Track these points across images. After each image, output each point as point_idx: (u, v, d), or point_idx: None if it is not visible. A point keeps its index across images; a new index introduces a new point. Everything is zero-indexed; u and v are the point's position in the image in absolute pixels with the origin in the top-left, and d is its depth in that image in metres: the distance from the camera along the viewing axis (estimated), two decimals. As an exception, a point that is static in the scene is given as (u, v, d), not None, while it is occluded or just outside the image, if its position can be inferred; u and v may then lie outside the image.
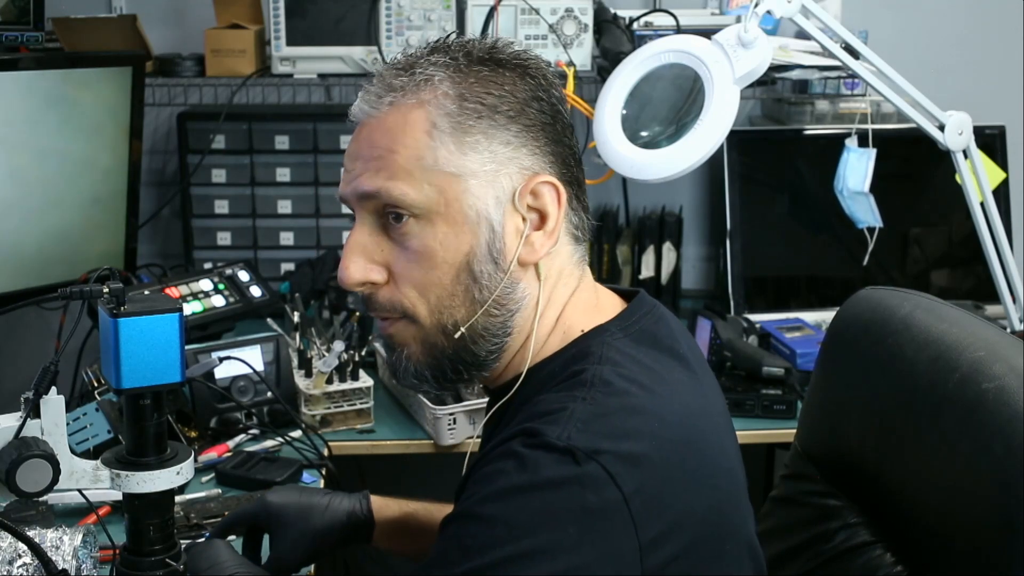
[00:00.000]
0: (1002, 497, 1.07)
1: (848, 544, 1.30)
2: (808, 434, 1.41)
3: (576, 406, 1.02)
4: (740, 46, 1.85)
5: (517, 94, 1.11)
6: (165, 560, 1.16)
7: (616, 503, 0.97)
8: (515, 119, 1.10)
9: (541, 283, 1.12)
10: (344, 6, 2.35)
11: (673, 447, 1.03)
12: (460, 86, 1.10)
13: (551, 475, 0.97)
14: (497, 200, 1.09)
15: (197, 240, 2.56)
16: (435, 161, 1.08)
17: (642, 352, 1.11)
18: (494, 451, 1.03)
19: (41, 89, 2.04)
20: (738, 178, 2.50)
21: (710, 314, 2.23)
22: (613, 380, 1.05)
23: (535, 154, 1.11)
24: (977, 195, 2.06)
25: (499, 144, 1.10)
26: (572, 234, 1.15)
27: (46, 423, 1.16)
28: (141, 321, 1.11)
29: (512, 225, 1.10)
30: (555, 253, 1.13)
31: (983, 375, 1.13)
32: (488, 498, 0.99)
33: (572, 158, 1.15)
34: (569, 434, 0.99)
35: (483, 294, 1.10)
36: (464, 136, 1.09)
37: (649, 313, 1.16)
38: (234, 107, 2.46)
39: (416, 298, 1.11)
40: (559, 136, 1.14)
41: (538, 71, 1.14)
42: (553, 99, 1.14)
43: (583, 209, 1.16)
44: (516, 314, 1.11)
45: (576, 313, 1.15)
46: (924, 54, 2.65)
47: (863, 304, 1.34)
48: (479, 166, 1.09)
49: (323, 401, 1.98)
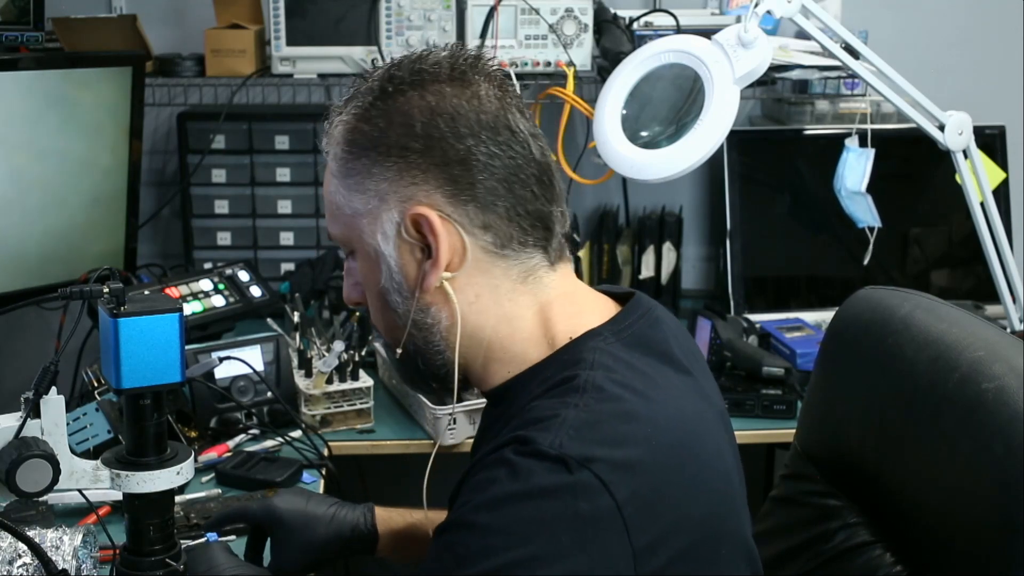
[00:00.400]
0: (1002, 497, 1.07)
1: (848, 544, 1.30)
2: (808, 434, 1.41)
3: (568, 413, 1.02)
4: (740, 46, 1.85)
5: (404, 120, 1.10)
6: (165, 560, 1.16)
7: (609, 511, 0.97)
8: (391, 151, 1.10)
9: (456, 304, 1.12)
10: (344, 6, 2.35)
11: (667, 452, 1.03)
12: (351, 128, 1.13)
13: (543, 483, 0.97)
14: (384, 235, 1.12)
15: (197, 240, 2.56)
16: (338, 206, 1.16)
17: (635, 357, 1.10)
18: (487, 458, 1.02)
19: (41, 89, 2.04)
20: (738, 178, 2.50)
21: (710, 314, 2.23)
22: (606, 386, 1.05)
23: (415, 182, 1.10)
24: (977, 195, 2.06)
25: (379, 180, 1.11)
26: (490, 251, 1.12)
27: (46, 423, 1.16)
28: (141, 321, 1.11)
29: (409, 256, 1.12)
30: (472, 272, 1.11)
31: (983, 375, 1.13)
32: (481, 506, 0.99)
33: (486, 169, 1.10)
34: (561, 442, 0.99)
35: (401, 320, 1.15)
36: (347, 179, 1.14)
37: (644, 316, 1.16)
38: (234, 107, 2.46)
39: (373, 319, 1.20)
40: (464, 152, 1.10)
41: (435, 83, 1.11)
42: (462, 109, 1.10)
43: (525, 215, 1.12)
44: (437, 335, 1.14)
45: (558, 320, 1.14)
46: (924, 54, 2.65)
47: (863, 304, 1.34)
48: (363, 205, 1.13)
49: (323, 401, 1.98)
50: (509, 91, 1.15)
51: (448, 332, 1.14)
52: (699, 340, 2.24)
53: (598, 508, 0.97)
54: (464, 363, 1.15)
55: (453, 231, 1.10)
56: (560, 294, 1.15)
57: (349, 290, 1.22)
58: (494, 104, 1.12)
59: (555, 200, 1.15)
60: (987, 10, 2.71)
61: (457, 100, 1.11)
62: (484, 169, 1.10)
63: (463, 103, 1.11)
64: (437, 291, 1.12)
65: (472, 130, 1.10)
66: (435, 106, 1.10)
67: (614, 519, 0.97)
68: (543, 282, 1.14)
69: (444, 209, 1.10)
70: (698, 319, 2.26)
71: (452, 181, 1.10)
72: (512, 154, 1.11)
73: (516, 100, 1.15)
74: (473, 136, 1.10)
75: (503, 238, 1.11)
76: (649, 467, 1.00)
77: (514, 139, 1.12)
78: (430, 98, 1.11)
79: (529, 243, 1.13)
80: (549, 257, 1.15)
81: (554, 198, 1.15)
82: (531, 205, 1.12)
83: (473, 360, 1.16)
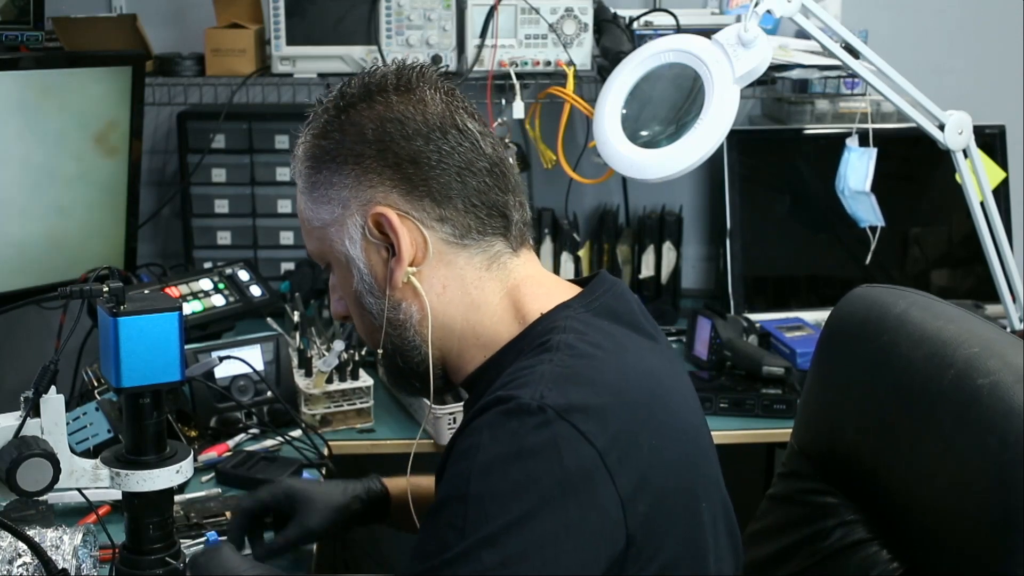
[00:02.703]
0: (997, 492, 1.07)
1: (844, 542, 1.30)
2: (804, 432, 1.41)
3: (544, 368, 1.07)
4: (740, 46, 1.85)
5: (357, 130, 1.17)
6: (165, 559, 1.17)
7: (592, 460, 1.02)
8: (348, 159, 1.17)
9: (425, 297, 1.18)
10: (344, 6, 2.35)
11: (638, 401, 1.09)
12: (311, 146, 1.21)
13: (526, 443, 1.01)
14: (351, 240, 1.19)
15: (197, 240, 2.57)
16: (309, 220, 1.23)
17: (604, 324, 1.16)
18: (470, 424, 1.07)
19: (40, 89, 2.04)
20: (738, 178, 2.50)
21: (710, 314, 2.23)
22: (577, 344, 1.11)
23: (372, 185, 1.17)
24: (977, 195, 2.06)
25: (339, 188, 1.18)
26: (451, 242, 1.17)
27: (46, 422, 1.16)
28: (141, 320, 1.12)
29: (376, 256, 1.19)
30: (436, 264, 1.17)
31: (978, 371, 1.13)
32: (471, 475, 1.02)
33: (438, 165, 1.16)
34: (541, 393, 1.03)
35: (376, 320, 1.21)
36: (312, 192, 1.21)
37: (609, 290, 1.21)
38: (234, 107, 2.46)
39: (357, 328, 1.26)
40: (414, 152, 1.16)
41: (382, 94, 1.18)
42: (409, 113, 1.17)
43: (481, 206, 1.17)
44: (411, 330, 1.20)
45: (528, 300, 1.19)
46: (924, 54, 2.65)
47: (859, 302, 1.34)
48: (329, 215, 1.20)
49: (323, 400, 1.98)
50: (456, 96, 1.21)
51: (421, 326, 1.19)
52: (699, 340, 2.25)
53: (582, 458, 1.02)
54: (440, 355, 1.21)
55: (412, 226, 1.16)
56: (526, 276, 1.21)
57: (335, 305, 1.28)
58: (440, 107, 1.19)
59: (509, 190, 1.20)
60: (987, 10, 2.71)
61: (404, 106, 1.17)
62: (436, 166, 1.16)
63: (410, 108, 1.17)
64: (406, 287, 1.18)
65: (420, 131, 1.17)
66: (383, 114, 1.17)
67: (598, 467, 1.02)
68: (508, 267, 1.20)
69: (401, 207, 1.16)
70: (698, 319, 2.26)
71: (406, 180, 1.16)
72: (462, 150, 1.17)
73: (464, 103, 1.22)
74: (422, 137, 1.16)
75: (461, 228, 1.17)
76: (621, 414, 1.06)
77: (463, 137, 1.18)
78: (379, 107, 1.18)
79: (488, 231, 1.18)
80: (511, 243, 1.20)
81: (508, 188, 1.20)
82: (485, 196, 1.18)
83: (448, 351, 1.21)
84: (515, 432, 1.02)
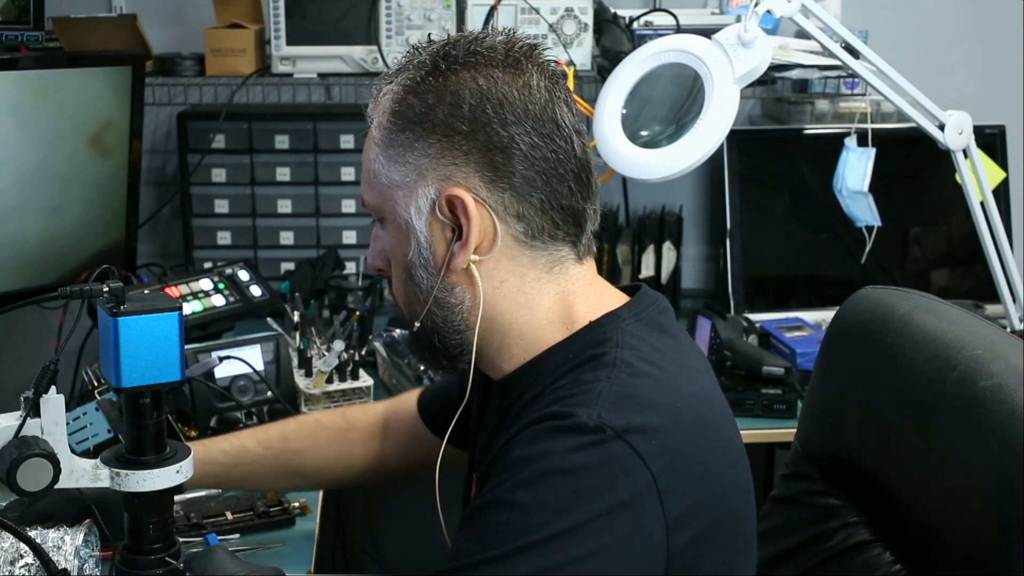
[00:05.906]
0: (1000, 494, 1.07)
1: (847, 543, 1.30)
2: (808, 433, 1.41)
3: (603, 386, 1.04)
4: (740, 45, 1.85)
5: (453, 100, 1.11)
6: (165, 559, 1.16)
7: (646, 483, 1.00)
8: (437, 129, 1.11)
9: (481, 287, 1.13)
10: (344, 5, 2.35)
11: (695, 426, 1.07)
12: (400, 100, 1.14)
13: (580, 460, 0.99)
14: (417, 210, 1.13)
15: (197, 240, 2.56)
16: (376, 174, 1.16)
17: (654, 337, 1.13)
18: (521, 434, 1.04)
19: (41, 89, 2.04)
20: (738, 178, 2.50)
21: (710, 314, 2.23)
22: (634, 362, 1.08)
23: (455, 163, 1.11)
24: (977, 195, 2.06)
25: (420, 155, 1.12)
26: (520, 240, 1.13)
27: (46, 422, 1.16)
28: (141, 320, 1.11)
29: (439, 234, 1.13)
30: (500, 258, 1.13)
31: (981, 373, 1.13)
32: (519, 485, 1.00)
33: (528, 159, 1.11)
34: (600, 413, 1.01)
35: (423, 295, 1.16)
36: (389, 148, 1.14)
37: (655, 303, 1.19)
38: (234, 107, 2.46)
39: (395, 289, 1.21)
40: (507, 140, 1.10)
41: (489, 67, 1.12)
42: (512, 96, 1.11)
43: (559, 210, 1.13)
44: (458, 315, 1.15)
45: (579, 306, 1.16)
46: (924, 54, 2.65)
47: (862, 304, 1.34)
48: (401, 178, 1.14)
49: (323, 400, 1.98)
50: (559, 84, 1.16)
51: (469, 314, 1.15)
52: (699, 340, 2.24)
53: (635, 481, 1.00)
54: (480, 346, 1.16)
55: (487, 216, 1.12)
56: (582, 282, 1.17)
57: (374, 256, 1.22)
58: (543, 95, 1.13)
59: (590, 198, 1.16)
60: (987, 10, 2.71)
61: (508, 87, 1.11)
62: (525, 159, 1.11)
63: (513, 91, 1.11)
64: (463, 272, 1.14)
65: (518, 119, 1.11)
66: (486, 90, 1.11)
67: (650, 491, 1.00)
68: (568, 273, 1.16)
69: (480, 193, 1.11)
70: (698, 319, 2.26)
71: (492, 167, 1.11)
72: (554, 148, 1.12)
73: (565, 94, 1.16)
74: (518, 125, 1.11)
75: (534, 229, 1.13)
76: (678, 437, 1.04)
77: (558, 133, 1.13)
78: (482, 81, 1.11)
79: (559, 236, 1.15)
80: (578, 251, 1.17)
81: (589, 196, 1.16)
82: (566, 200, 1.14)
83: (488, 344, 1.17)
84: (570, 448, 1.00)
